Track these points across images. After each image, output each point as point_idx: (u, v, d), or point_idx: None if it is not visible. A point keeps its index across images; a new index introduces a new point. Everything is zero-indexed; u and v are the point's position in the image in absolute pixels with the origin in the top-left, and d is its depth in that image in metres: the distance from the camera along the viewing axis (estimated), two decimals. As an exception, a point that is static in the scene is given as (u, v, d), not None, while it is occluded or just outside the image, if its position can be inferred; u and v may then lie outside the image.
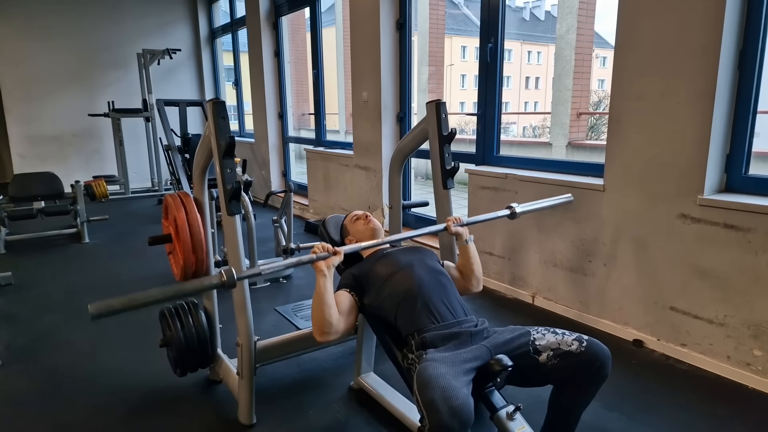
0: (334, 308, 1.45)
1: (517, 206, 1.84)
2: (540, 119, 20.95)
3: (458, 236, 1.71)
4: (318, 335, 1.45)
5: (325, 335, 1.44)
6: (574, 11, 7.02)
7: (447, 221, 1.72)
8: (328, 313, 1.42)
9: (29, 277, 3.40)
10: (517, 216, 1.84)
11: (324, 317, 1.42)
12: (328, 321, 1.42)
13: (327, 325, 1.43)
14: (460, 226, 1.71)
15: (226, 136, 1.56)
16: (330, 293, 1.45)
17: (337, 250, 1.47)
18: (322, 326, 1.43)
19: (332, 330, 1.44)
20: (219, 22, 7.18)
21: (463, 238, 1.71)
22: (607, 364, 1.30)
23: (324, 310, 1.42)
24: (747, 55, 1.96)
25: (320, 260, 1.44)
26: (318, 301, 1.43)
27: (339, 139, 6.00)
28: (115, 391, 2.00)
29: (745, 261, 1.95)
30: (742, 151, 2.04)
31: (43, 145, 6.52)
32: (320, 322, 1.43)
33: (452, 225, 1.70)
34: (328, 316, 1.42)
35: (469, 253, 1.71)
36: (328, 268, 1.45)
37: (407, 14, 3.70)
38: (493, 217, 1.83)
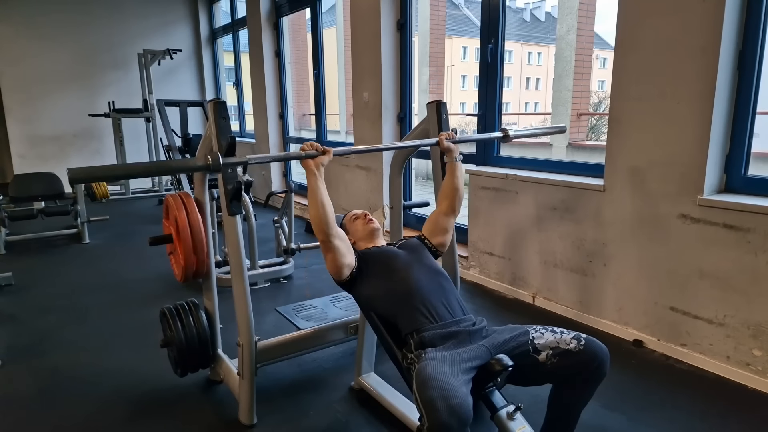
0: (330, 207, 1.44)
1: (510, 130, 1.93)
2: (540, 120, 20.96)
3: (449, 152, 1.74)
4: (319, 234, 1.44)
5: (326, 235, 1.43)
6: (574, 12, 7.03)
7: (440, 136, 1.74)
8: (323, 212, 1.42)
9: (30, 278, 3.40)
10: (510, 139, 1.93)
11: (320, 215, 1.42)
12: (326, 219, 1.42)
13: (325, 223, 1.42)
14: (452, 142, 1.74)
15: (227, 137, 1.57)
16: (324, 192, 1.44)
17: (326, 149, 1.47)
18: (321, 224, 1.43)
19: (332, 231, 1.44)
20: (220, 23, 7.19)
21: (453, 155, 1.74)
22: (606, 363, 1.31)
23: (320, 208, 1.42)
24: (746, 55, 1.97)
25: (309, 158, 1.44)
26: (312, 199, 1.43)
27: (340, 140, 6.01)
28: (116, 391, 2.01)
29: (745, 261, 1.95)
30: (742, 151, 2.04)
31: (44, 146, 6.53)
32: (318, 219, 1.43)
33: (445, 140, 1.73)
34: (325, 216, 1.42)
35: (456, 170, 1.74)
36: (317, 167, 1.45)
37: (408, 15, 3.71)
38: (486, 137, 1.91)
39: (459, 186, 1.74)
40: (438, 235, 1.73)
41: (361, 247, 1.75)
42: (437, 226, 1.74)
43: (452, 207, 1.74)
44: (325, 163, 1.48)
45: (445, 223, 1.74)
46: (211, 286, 2.00)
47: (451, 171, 1.74)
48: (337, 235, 1.48)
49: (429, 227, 1.76)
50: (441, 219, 1.74)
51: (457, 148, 1.75)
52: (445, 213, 1.74)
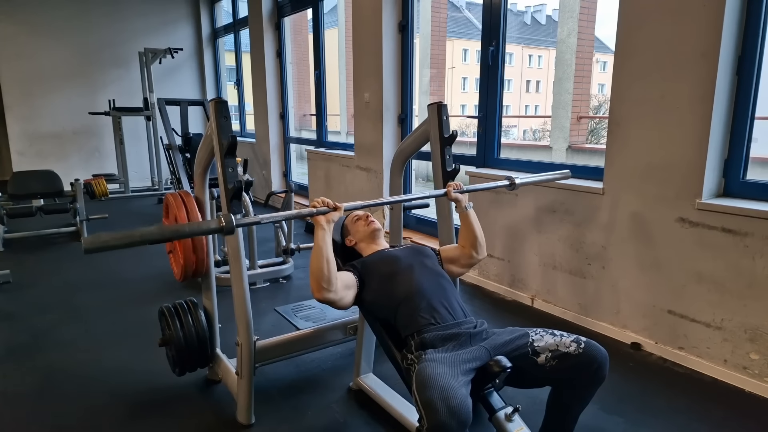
0: (333, 264, 1.42)
1: (516, 178, 1.89)
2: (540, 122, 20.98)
3: (458, 203, 1.72)
4: (316, 291, 1.41)
5: (323, 291, 1.40)
6: (575, 16, 7.05)
7: (447, 187, 1.73)
8: (327, 268, 1.39)
9: (28, 276, 3.40)
10: (516, 187, 1.89)
11: (322, 271, 1.39)
12: (327, 276, 1.39)
13: (325, 281, 1.39)
14: (460, 192, 1.72)
15: (227, 136, 1.57)
16: (329, 248, 1.41)
17: (337, 205, 1.46)
18: (320, 280, 1.39)
19: (331, 287, 1.41)
20: (221, 22, 7.19)
21: (463, 205, 1.72)
22: (605, 366, 1.31)
23: (322, 263, 1.39)
24: (745, 60, 1.97)
25: (320, 215, 1.43)
26: (317, 254, 1.40)
27: (340, 140, 6.00)
28: (114, 390, 2.01)
29: (742, 265, 1.96)
30: (740, 156, 2.05)
31: (43, 143, 6.52)
32: (318, 275, 1.39)
33: (452, 191, 1.71)
34: (327, 271, 1.39)
35: (470, 219, 1.71)
36: (327, 223, 1.43)
37: (409, 16, 3.71)
38: (493, 186, 1.87)
39: (477, 232, 1.71)
40: (453, 265, 1.73)
41: (363, 248, 1.76)
42: (457, 261, 1.73)
43: (476, 249, 1.72)
44: (335, 219, 1.46)
45: (466, 261, 1.72)
46: (211, 286, 2.00)
47: (464, 221, 1.72)
48: (336, 287, 1.43)
49: (448, 255, 1.74)
50: (463, 258, 1.72)
51: (466, 198, 1.73)
52: (468, 255, 1.72)
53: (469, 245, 1.72)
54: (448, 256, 1.74)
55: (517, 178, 1.89)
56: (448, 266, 1.71)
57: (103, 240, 1.08)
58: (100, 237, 1.09)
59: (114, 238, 1.08)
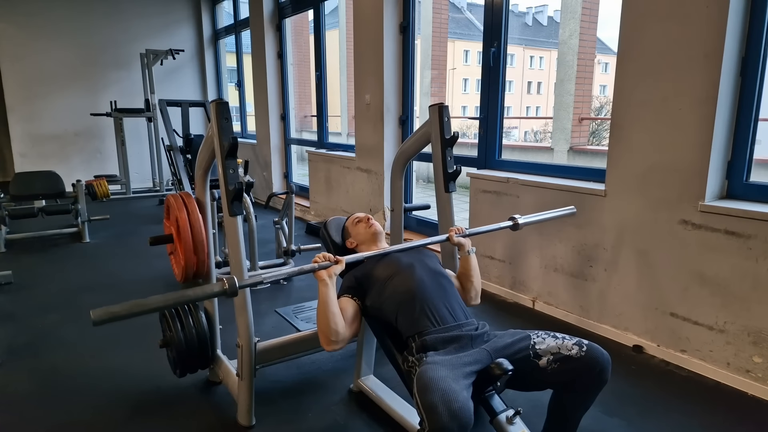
0: (339, 316, 1.44)
1: (520, 218, 1.84)
2: (542, 124, 20.96)
3: (460, 247, 1.71)
4: (325, 345, 1.45)
5: (332, 344, 1.44)
6: (576, 17, 7.05)
7: (449, 231, 1.72)
8: (333, 321, 1.42)
9: (30, 276, 3.40)
10: (520, 227, 1.84)
11: (330, 327, 1.42)
12: (335, 330, 1.42)
13: (334, 334, 1.42)
14: (462, 236, 1.71)
15: (228, 137, 1.57)
16: (334, 302, 1.44)
17: (339, 259, 1.47)
18: (329, 335, 1.43)
19: (339, 338, 1.44)
20: (222, 24, 7.20)
21: (465, 249, 1.71)
22: (607, 369, 1.30)
23: (329, 318, 1.42)
24: (749, 62, 1.97)
25: (322, 269, 1.44)
26: (322, 310, 1.43)
27: (341, 142, 6.00)
28: (115, 391, 2.00)
29: (746, 267, 1.95)
30: (744, 158, 2.04)
31: (45, 144, 6.53)
32: (326, 331, 1.43)
33: (455, 236, 1.70)
34: (334, 325, 1.42)
35: (470, 264, 1.71)
36: (330, 278, 1.44)
37: (410, 17, 3.71)
38: (496, 228, 1.83)
39: (474, 281, 1.72)
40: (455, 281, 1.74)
41: (363, 249, 1.75)
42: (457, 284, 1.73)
43: (469, 299, 1.72)
44: (337, 272, 1.46)
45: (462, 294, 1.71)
46: (211, 287, 1.99)
47: (464, 265, 1.72)
48: (343, 338, 1.46)
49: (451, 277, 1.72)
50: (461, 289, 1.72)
51: (468, 242, 1.72)
52: (466, 296, 1.71)
53: (465, 288, 1.72)
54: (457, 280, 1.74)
55: (521, 219, 1.83)
56: None
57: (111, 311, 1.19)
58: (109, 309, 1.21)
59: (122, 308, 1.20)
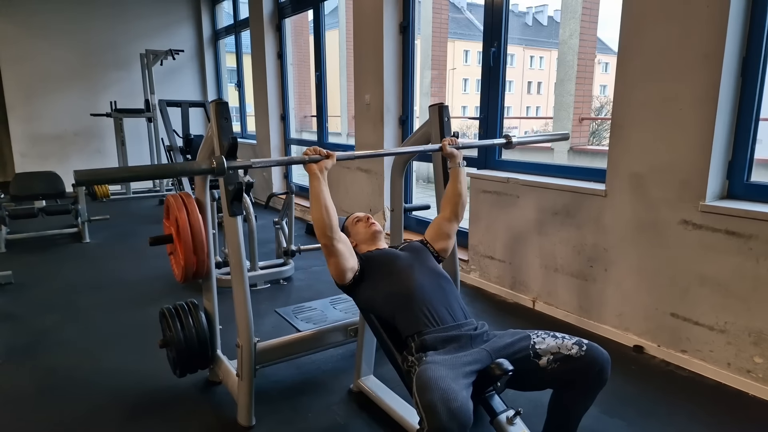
0: (333, 210, 1.45)
1: (514, 137, 1.94)
2: (542, 124, 20.95)
3: (452, 158, 1.74)
4: (322, 237, 1.44)
5: (326, 238, 1.44)
6: (577, 16, 7.05)
7: (443, 141, 1.76)
8: (328, 216, 1.43)
9: (30, 276, 3.40)
10: (513, 146, 1.93)
11: (323, 219, 1.43)
12: (329, 223, 1.43)
13: (328, 228, 1.43)
14: (455, 147, 1.75)
15: (228, 137, 1.56)
16: (327, 195, 1.45)
17: (330, 153, 1.49)
18: (323, 228, 1.43)
19: (334, 235, 1.44)
20: (222, 24, 7.20)
21: (457, 161, 1.74)
22: (607, 369, 1.30)
23: (322, 212, 1.43)
24: (750, 62, 1.96)
25: (313, 162, 1.45)
26: (315, 203, 1.45)
27: (341, 142, 6.01)
28: (114, 391, 2.00)
29: (746, 268, 1.95)
30: (744, 158, 2.04)
31: (45, 144, 6.53)
32: (320, 223, 1.43)
33: (447, 146, 1.74)
34: (328, 219, 1.43)
35: (460, 175, 1.75)
36: (321, 171, 1.46)
37: (410, 17, 3.71)
38: (490, 143, 1.91)
39: (462, 191, 1.74)
40: (440, 241, 1.73)
41: (363, 249, 1.75)
42: (440, 231, 1.74)
43: (455, 213, 1.73)
44: (328, 167, 1.48)
45: (447, 228, 1.73)
46: (211, 287, 1.99)
47: (454, 176, 1.75)
48: (340, 239, 1.48)
49: (431, 232, 1.75)
50: (444, 224, 1.74)
51: (461, 154, 1.75)
52: (448, 219, 1.74)
53: (452, 204, 1.73)
54: (432, 234, 1.74)
55: (514, 138, 1.93)
56: (436, 245, 1.71)
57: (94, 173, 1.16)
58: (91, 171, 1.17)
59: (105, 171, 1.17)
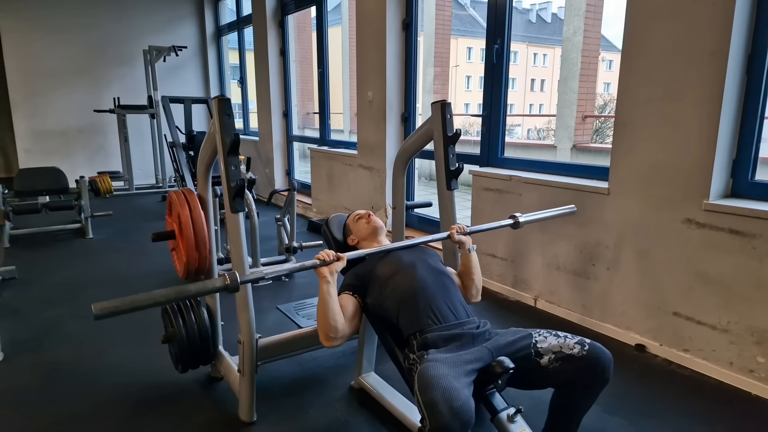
0: (339, 314, 1.45)
1: (520, 216, 1.87)
2: (545, 122, 20.87)
3: (461, 245, 1.72)
4: (325, 341, 1.46)
5: (332, 340, 1.44)
6: (581, 14, 7.01)
7: (450, 230, 1.72)
8: (333, 319, 1.43)
9: (33, 272, 3.41)
10: (520, 226, 1.87)
11: (329, 323, 1.43)
12: (334, 327, 1.43)
13: (333, 331, 1.43)
14: (463, 234, 1.71)
15: (230, 134, 1.56)
16: (335, 299, 1.45)
17: (340, 256, 1.47)
18: (328, 332, 1.44)
19: (338, 335, 1.45)
20: (225, 20, 7.19)
21: (466, 247, 1.72)
22: (609, 368, 1.30)
23: (329, 316, 1.43)
24: (756, 59, 1.95)
25: (323, 266, 1.44)
26: (323, 307, 1.44)
27: (343, 139, 6.00)
28: (117, 386, 2.01)
29: (750, 267, 1.94)
30: (749, 156, 2.03)
31: (49, 140, 6.55)
32: (326, 328, 1.44)
33: (455, 234, 1.71)
34: (334, 322, 1.43)
35: (471, 262, 1.72)
36: (331, 274, 1.44)
37: (413, 14, 3.70)
38: (497, 226, 1.85)
39: (475, 278, 1.73)
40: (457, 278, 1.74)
41: (364, 245, 1.75)
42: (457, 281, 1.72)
43: (470, 296, 1.73)
44: (338, 269, 1.47)
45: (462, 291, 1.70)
46: (213, 284, 1.99)
47: (465, 263, 1.74)
48: (343, 335, 1.46)
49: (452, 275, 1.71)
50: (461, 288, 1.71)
51: (469, 240, 1.73)
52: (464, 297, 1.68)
53: (465, 286, 1.73)
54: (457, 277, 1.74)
55: (521, 217, 1.87)
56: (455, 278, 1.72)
57: (113, 306, 1.22)
58: (110, 303, 1.25)
59: (123, 303, 1.23)
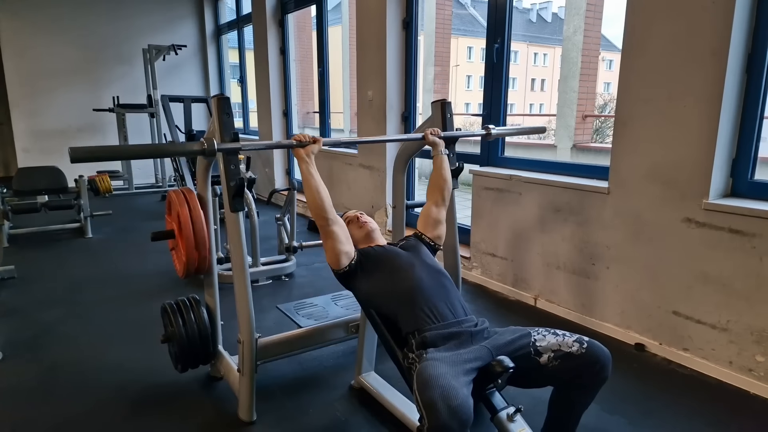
0: (325, 191, 1.50)
1: (493, 128, 2.00)
2: (545, 121, 20.88)
3: (434, 146, 1.80)
4: (317, 219, 1.50)
5: (324, 220, 1.48)
6: (581, 13, 7.01)
7: (425, 131, 1.81)
8: (320, 196, 1.48)
9: (32, 271, 3.41)
10: (492, 137, 1.99)
11: (315, 200, 1.48)
12: (321, 203, 1.48)
13: (321, 208, 1.48)
14: (437, 137, 1.81)
15: (230, 133, 1.56)
16: (316, 176, 1.50)
17: (317, 138, 1.55)
18: (317, 208, 1.48)
19: (328, 214, 1.48)
20: (225, 19, 7.19)
21: (439, 149, 1.79)
22: (608, 366, 1.30)
23: (315, 193, 1.48)
24: (755, 59, 1.95)
25: (299, 147, 1.52)
26: (307, 185, 1.50)
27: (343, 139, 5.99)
28: (116, 385, 2.01)
29: (749, 266, 1.94)
30: (749, 155, 2.03)
31: (48, 140, 6.54)
32: (314, 204, 1.48)
33: (429, 135, 1.80)
34: (320, 199, 1.48)
35: (443, 162, 1.79)
36: (308, 155, 1.51)
37: (414, 13, 3.70)
38: (470, 135, 2.01)
39: (446, 176, 1.80)
40: (433, 228, 1.74)
41: (362, 246, 1.74)
42: (430, 218, 1.75)
43: (442, 197, 1.77)
44: (315, 151, 1.54)
45: (437, 214, 1.75)
46: (213, 283, 2.00)
47: (437, 164, 1.81)
48: (335, 221, 1.52)
49: (422, 221, 1.77)
50: (432, 210, 1.76)
51: (442, 143, 1.82)
52: (436, 204, 1.76)
53: (438, 190, 1.77)
54: (423, 223, 1.75)
55: (494, 129, 1.99)
56: (429, 233, 1.73)
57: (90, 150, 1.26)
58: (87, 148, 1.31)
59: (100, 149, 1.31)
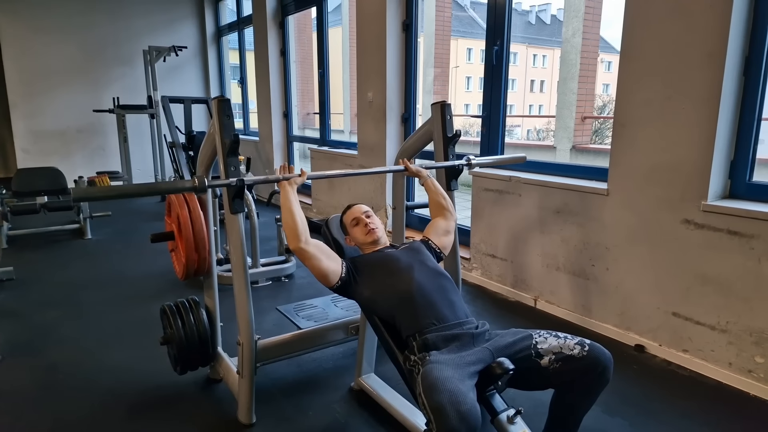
0: (299, 216, 1.53)
1: (473, 158, 2.01)
2: (544, 122, 20.91)
3: (419, 175, 1.83)
4: (290, 241, 1.52)
5: (294, 241, 1.50)
6: (580, 15, 7.03)
7: (402, 162, 1.84)
8: (293, 220, 1.51)
9: (31, 273, 3.41)
10: (473, 167, 2.01)
11: (288, 223, 1.51)
12: (293, 228, 1.50)
13: (293, 233, 1.50)
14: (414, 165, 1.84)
15: (230, 134, 1.56)
16: (293, 201, 1.54)
17: (302, 172, 1.61)
18: (293, 232, 1.51)
19: (301, 238, 1.50)
20: (226, 20, 7.19)
21: (423, 175, 1.83)
22: (609, 369, 1.30)
23: (287, 217, 1.52)
24: (753, 61, 1.96)
25: (285, 180, 1.58)
26: (285, 208, 1.54)
27: (343, 139, 6.01)
28: (115, 388, 2.01)
29: (748, 267, 1.94)
30: (747, 157, 2.03)
31: (47, 141, 6.53)
32: (291, 227, 1.51)
33: (411, 165, 1.83)
34: (293, 223, 1.51)
35: (434, 185, 1.83)
36: (290, 185, 1.57)
37: (413, 15, 3.70)
38: (449, 165, 1.96)
39: (443, 193, 1.84)
40: (440, 237, 1.76)
41: (362, 248, 1.75)
42: (439, 228, 1.78)
43: (447, 210, 1.81)
44: (298, 183, 1.60)
45: (446, 225, 1.80)
46: (212, 284, 1.99)
47: (429, 187, 1.84)
48: (309, 242, 1.53)
49: (431, 230, 1.79)
50: (441, 223, 1.80)
51: (424, 170, 1.85)
52: (444, 217, 1.81)
53: (440, 208, 1.81)
54: (431, 232, 1.78)
55: (474, 159, 2.00)
56: (437, 241, 1.75)
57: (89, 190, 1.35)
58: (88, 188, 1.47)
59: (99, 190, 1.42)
